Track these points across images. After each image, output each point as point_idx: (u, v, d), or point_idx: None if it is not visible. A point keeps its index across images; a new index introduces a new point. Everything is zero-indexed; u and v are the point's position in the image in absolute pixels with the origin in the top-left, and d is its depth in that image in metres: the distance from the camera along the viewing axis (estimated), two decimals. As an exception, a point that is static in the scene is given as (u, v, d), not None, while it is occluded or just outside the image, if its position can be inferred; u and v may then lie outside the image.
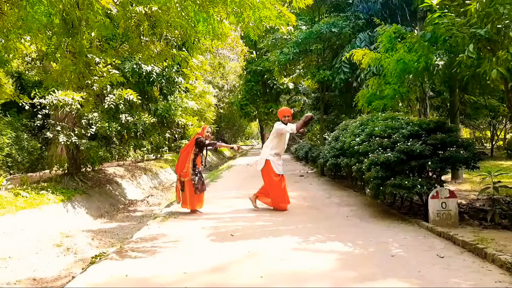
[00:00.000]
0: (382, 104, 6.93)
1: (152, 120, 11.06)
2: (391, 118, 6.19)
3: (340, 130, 8.71)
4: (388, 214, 5.56)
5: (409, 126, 5.44)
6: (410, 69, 5.73)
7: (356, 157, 6.39)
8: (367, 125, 6.40)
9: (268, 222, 5.38)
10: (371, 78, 7.34)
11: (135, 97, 8.88)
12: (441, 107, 13.70)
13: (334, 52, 12.43)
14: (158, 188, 12.53)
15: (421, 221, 4.86)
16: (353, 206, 6.36)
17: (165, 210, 6.93)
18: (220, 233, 4.84)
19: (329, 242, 4.22)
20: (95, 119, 8.73)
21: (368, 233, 4.57)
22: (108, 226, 7.18)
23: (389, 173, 5.17)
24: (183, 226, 5.36)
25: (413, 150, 4.96)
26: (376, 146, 5.45)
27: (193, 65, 14.12)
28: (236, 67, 32.30)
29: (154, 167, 14.47)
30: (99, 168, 10.86)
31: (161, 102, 12.45)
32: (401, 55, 5.73)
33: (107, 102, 8.82)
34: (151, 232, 5.07)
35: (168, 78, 11.32)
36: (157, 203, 9.57)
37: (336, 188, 8.70)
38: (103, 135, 10.19)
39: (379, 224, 5.01)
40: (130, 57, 9.97)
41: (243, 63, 25.80)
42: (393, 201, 6.39)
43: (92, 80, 7.97)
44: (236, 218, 5.72)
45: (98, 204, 8.62)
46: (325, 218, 5.52)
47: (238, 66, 31.63)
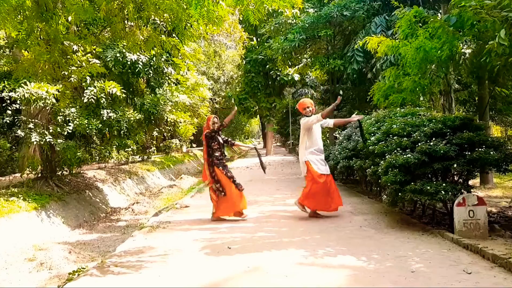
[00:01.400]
0: (400, 98, 6.92)
1: (138, 116, 11.05)
2: (411, 114, 6.19)
3: (352, 128, 8.71)
4: (408, 224, 5.56)
5: (431, 123, 5.43)
6: (432, 58, 5.72)
7: (371, 159, 6.38)
8: (384, 122, 6.40)
9: (270, 233, 5.38)
10: (388, 69, 7.33)
11: (119, 90, 8.87)
12: (468, 101, 13.67)
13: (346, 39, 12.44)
14: (145, 194, 12.53)
15: (445, 232, 4.85)
16: (367, 214, 6.36)
17: (152, 219, 6.94)
18: (216, 245, 4.84)
19: (340, 256, 4.22)
20: (72, 116, 8.72)
21: (385, 245, 4.56)
22: (87, 238, 7.18)
23: (408, 177, 5.16)
24: (173, 237, 5.36)
25: (436, 150, 4.96)
26: (394, 146, 5.45)
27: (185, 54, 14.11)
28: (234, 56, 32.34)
29: (140, 170, 14.48)
30: (78, 172, 10.86)
31: (148, 96, 12.45)
32: (422, 42, 5.72)
33: (87, 96, 8.80)
34: (136, 244, 5.07)
35: (156, 69, 11.31)
36: (144, 211, 9.57)
37: (348, 194, 8.71)
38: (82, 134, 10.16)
39: (397, 235, 5.01)
40: (112, 45, 9.96)
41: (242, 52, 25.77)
42: (413, 209, 6.38)
43: (69, 71, 7.99)
44: (233, 229, 5.72)
45: (76, 212, 8.63)
46: (336, 229, 5.51)
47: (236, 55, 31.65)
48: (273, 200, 8.19)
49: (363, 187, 9.37)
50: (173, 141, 20.54)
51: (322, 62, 12.27)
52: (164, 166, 17.71)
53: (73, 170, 10.41)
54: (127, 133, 10.73)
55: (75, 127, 8.81)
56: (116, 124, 9.72)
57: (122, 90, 9.21)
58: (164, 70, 11.84)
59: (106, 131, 10.23)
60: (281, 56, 13.54)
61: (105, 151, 12.18)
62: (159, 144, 20.51)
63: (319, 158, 6.14)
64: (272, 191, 9.44)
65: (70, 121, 8.79)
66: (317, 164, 6.09)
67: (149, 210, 9.65)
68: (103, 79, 9.45)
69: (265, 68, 23.07)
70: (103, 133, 10.70)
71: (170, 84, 14.16)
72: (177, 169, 19.09)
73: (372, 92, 7.81)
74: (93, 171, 11.83)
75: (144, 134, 14.55)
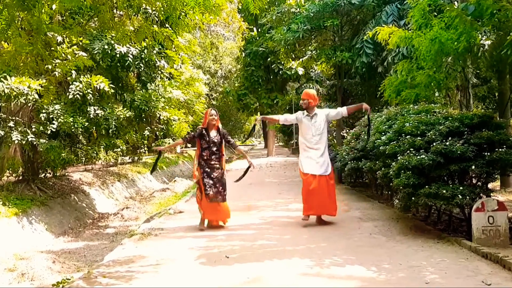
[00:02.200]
0: (413, 94, 6.92)
1: (128, 114, 11.07)
2: (425, 111, 6.18)
3: (361, 127, 8.70)
4: (422, 231, 5.55)
5: (447, 121, 5.42)
6: (448, 51, 5.72)
7: (382, 160, 6.37)
8: (396, 120, 6.39)
9: (272, 241, 5.37)
10: (401, 62, 7.33)
11: (107, 85, 8.88)
12: (488, 97, 13.68)
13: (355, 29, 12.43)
14: (136, 198, 12.53)
15: (463, 240, 4.85)
16: (378, 220, 6.35)
17: (144, 226, 6.93)
18: (212, 254, 4.83)
19: (348, 266, 4.22)
20: (56, 113, 8.72)
21: (397, 254, 4.56)
22: (73, 246, 7.18)
23: (422, 179, 5.16)
24: (166, 246, 5.35)
25: (453, 151, 4.95)
26: (406, 146, 5.44)
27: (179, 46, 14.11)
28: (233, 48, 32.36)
29: (130, 172, 14.48)
30: (62, 174, 10.87)
31: (138, 92, 12.45)
32: (437, 33, 5.72)
33: (72, 91, 8.81)
34: (126, 253, 5.06)
35: (148, 62, 11.31)
36: (134, 217, 9.58)
37: (357, 198, 8.71)
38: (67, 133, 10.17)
39: (410, 243, 5.00)
40: (100, 36, 9.96)
41: (241, 43, 25.77)
42: (427, 214, 6.37)
43: (53, 64, 7.99)
44: (232, 236, 5.72)
45: (61, 218, 8.63)
46: (343, 236, 5.51)
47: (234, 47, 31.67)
48: (274, 205, 8.19)
49: (373, 190, 9.36)
50: (166, 140, 20.50)
51: (328, 55, 12.25)
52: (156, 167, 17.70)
53: (57, 172, 10.41)
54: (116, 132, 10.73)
55: (60, 126, 8.81)
56: (104, 122, 9.73)
57: (111, 85, 9.21)
58: (156, 64, 11.84)
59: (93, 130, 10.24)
60: (284, 48, 13.53)
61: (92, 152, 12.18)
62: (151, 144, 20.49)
63: (310, 155, 6.11)
64: (273, 195, 9.44)
65: (54, 119, 8.79)
66: (303, 161, 6.13)
67: (140, 216, 9.65)
68: (90, 73, 9.44)
69: (266, 61, 23.03)
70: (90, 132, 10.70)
71: (162, 78, 14.16)
72: (170, 171, 19.08)
73: (382, 87, 7.80)
74: (79, 173, 11.84)
75: (135, 133, 14.53)
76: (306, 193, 6.07)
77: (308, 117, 6.19)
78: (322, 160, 6.10)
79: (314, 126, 6.14)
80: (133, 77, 13.50)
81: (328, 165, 6.17)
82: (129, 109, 11.46)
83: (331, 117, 6.32)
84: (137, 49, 10.57)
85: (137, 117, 12.39)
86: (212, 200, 6.11)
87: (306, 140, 6.18)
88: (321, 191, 6.00)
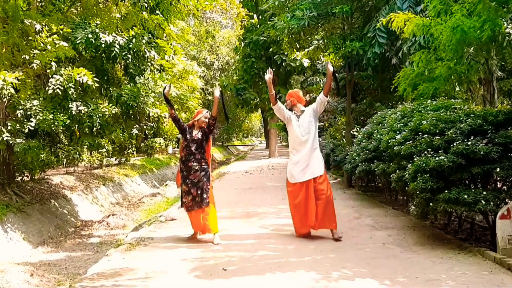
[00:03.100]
0: (432, 88, 6.91)
1: (114, 110, 11.07)
2: (444, 107, 6.18)
3: (374, 125, 8.70)
4: (441, 241, 5.56)
5: (469, 118, 5.43)
6: (470, 40, 5.71)
7: (397, 162, 6.37)
8: (412, 117, 6.40)
9: (274, 252, 5.38)
10: (417, 53, 7.32)
11: (91, 79, 8.88)
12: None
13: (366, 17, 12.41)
14: (123, 204, 12.56)
15: (486, 250, 4.85)
16: (392, 229, 6.36)
17: (132, 235, 6.94)
18: (208, 266, 4.83)
19: (359, 280, 4.22)
20: (35, 109, 8.73)
21: (413, 266, 4.56)
22: (53, 257, 7.19)
23: (442, 183, 5.16)
24: (157, 257, 5.36)
25: (475, 151, 4.96)
26: (423, 146, 5.45)
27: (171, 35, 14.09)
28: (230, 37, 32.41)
29: (116, 175, 14.50)
30: (41, 177, 10.89)
31: (126, 86, 12.45)
32: (458, 20, 5.72)
33: (52, 85, 8.81)
34: (112, 265, 5.07)
35: (136, 52, 11.30)
36: (121, 225, 9.59)
37: (369, 204, 8.72)
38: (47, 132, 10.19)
39: (428, 254, 5.01)
40: (83, 24, 9.96)
41: (239, 32, 25.79)
42: (447, 222, 6.38)
43: (31, 55, 8.00)
44: (230, 246, 5.73)
45: (40, 226, 8.64)
46: (353, 246, 5.52)
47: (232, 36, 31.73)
48: (277, 212, 8.19)
49: (387, 195, 9.37)
50: (156, 140, 20.57)
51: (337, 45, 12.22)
52: (146, 170, 17.73)
53: (36, 175, 10.43)
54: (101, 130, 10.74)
55: (38, 124, 8.82)
56: (87, 120, 9.74)
57: (95, 79, 9.21)
58: (145, 54, 11.82)
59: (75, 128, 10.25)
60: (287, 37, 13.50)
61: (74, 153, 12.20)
62: (140, 144, 20.53)
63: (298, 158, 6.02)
64: (276, 201, 9.44)
65: (32, 116, 8.80)
66: (292, 169, 6.05)
67: (127, 224, 9.67)
68: (72, 65, 9.45)
69: (267, 51, 23.02)
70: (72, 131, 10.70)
71: (153, 71, 14.15)
72: (161, 174, 19.11)
73: (397, 81, 7.79)
74: (60, 176, 11.85)
75: (122, 132, 14.52)
76: (292, 206, 6.02)
77: (296, 116, 6.15)
78: (312, 162, 5.97)
79: (302, 125, 6.06)
80: (119, 69, 13.49)
81: (319, 167, 5.98)
82: (116, 105, 11.45)
83: (316, 110, 6.16)
84: (124, 38, 10.56)
85: (124, 114, 12.38)
86: (188, 209, 6.03)
87: (295, 142, 6.11)
88: (310, 200, 5.86)
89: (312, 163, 5.97)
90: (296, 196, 5.95)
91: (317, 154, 6.07)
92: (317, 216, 5.86)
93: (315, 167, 5.95)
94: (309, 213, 5.88)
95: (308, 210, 5.87)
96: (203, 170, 6.05)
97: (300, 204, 5.91)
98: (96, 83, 9.32)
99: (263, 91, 23.97)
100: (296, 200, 5.94)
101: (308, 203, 5.87)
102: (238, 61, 27.52)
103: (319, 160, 6.07)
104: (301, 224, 6.01)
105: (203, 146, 6.12)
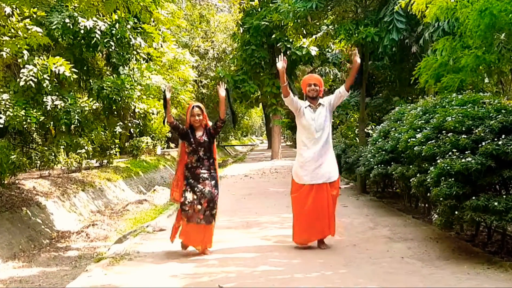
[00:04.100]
0: (457, 80, 6.90)
1: (95, 105, 11.05)
2: (472, 102, 6.16)
3: (391, 122, 8.69)
4: (467, 254, 5.54)
5: (500, 115, 5.41)
6: (501, 25, 5.70)
7: (417, 164, 6.35)
8: (434, 113, 6.38)
9: (277, 267, 5.35)
10: (441, 40, 7.30)
11: (68, 70, 8.87)
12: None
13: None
14: (104, 212, 12.54)
15: (520, 266, 4.83)
16: (412, 241, 6.34)
17: (115, 247, 6.92)
18: (202, 283, 4.81)
19: (374, 299, 4.20)
20: (4, 104, 8.72)
21: (436, 284, 4.53)
22: (25, 273, 7.17)
23: (469, 189, 5.14)
24: (144, 273, 5.33)
25: (507, 152, 4.93)
26: (448, 146, 5.43)
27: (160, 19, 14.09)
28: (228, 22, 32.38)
29: (97, 179, 14.48)
30: (11, 182, 10.86)
31: (108, 78, 12.42)
32: (486, 2, 5.70)
33: (24, 77, 8.80)
34: (93, 282, 5.04)
35: (120, 39, 11.29)
36: (103, 237, 9.57)
37: (385, 212, 8.70)
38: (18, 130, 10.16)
39: (453, 269, 4.98)
40: (59, 7, 9.95)
41: (238, 16, 25.75)
42: (475, 233, 6.35)
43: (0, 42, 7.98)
44: (226, 260, 5.71)
45: (10, 237, 8.62)
46: (368, 260, 5.49)
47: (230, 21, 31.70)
48: (281, 221, 8.17)
49: (406, 203, 9.35)
50: (143, 139, 20.57)
51: (349, 31, 12.19)
52: (131, 174, 17.72)
53: (5, 179, 10.40)
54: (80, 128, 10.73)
55: (8, 120, 8.80)
56: (64, 116, 9.72)
57: (73, 69, 9.21)
58: (130, 42, 11.80)
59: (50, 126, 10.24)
60: (293, 22, 13.49)
61: (49, 154, 12.19)
62: (124, 143, 20.52)
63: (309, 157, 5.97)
64: (279, 209, 9.41)
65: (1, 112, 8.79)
66: (297, 169, 6.05)
67: (110, 235, 9.64)
68: (46, 54, 9.44)
69: (270, 38, 23.00)
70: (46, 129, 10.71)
71: (139, 60, 14.11)
72: (148, 178, 19.10)
73: (417, 71, 7.77)
74: (33, 181, 11.83)
75: (103, 130, 14.52)
76: (298, 213, 6.00)
77: (311, 109, 6.06)
78: (325, 165, 5.96)
79: (317, 120, 6.01)
80: (101, 58, 13.47)
81: (332, 171, 6.00)
82: (96, 99, 11.43)
83: (333, 104, 6.16)
84: (106, 23, 10.55)
85: (107, 109, 12.35)
86: (190, 221, 5.91)
87: (307, 138, 6.05)
88: (320, 207, 5.88)
89: (326, 164, 5.97)
90: (304, 203, 5.93)
91: (331, 154, 6.09)
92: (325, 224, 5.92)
93: (331, 170, 5.98)
94: (319, 223, 5.90)
95: (319, 219, 5.88)
96: (213, 178, 6.02)
97: (308, 212, 5.89)
98: (75, 74, 9.31)
99: (265, 84, 23.96)
100: (305, 207, 5.91)
101: (318, 210, 5.87)
102: (236, 49, 27.53)
103: (334, 161, 6.09)
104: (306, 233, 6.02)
105: (211, 149, 6.08)
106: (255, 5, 23.59)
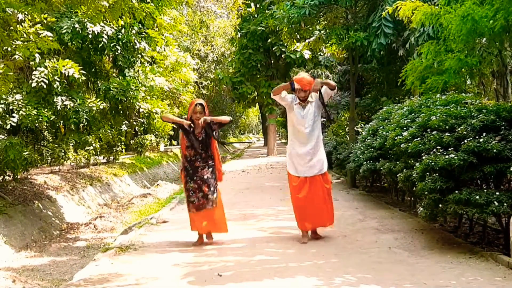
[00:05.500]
0: (441, 81, 6.92)
1: (102, 105, 11.05)
2: (455, 102, 6.19)
3: (379, 120, 8.71)
4: (451, 245, 5.56)
5: (481, 114, 5.43)
6: (483, 30, 5.71)
7: (404, 160, 6.37)
8: (420, 112, 6.40)
9: (272, 256, 5.37)
10: (426, 44, 7.32)
11: (77, 72, 8.87)
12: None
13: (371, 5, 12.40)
14: (111, 205, 12.53)
15: (499, 255, 4.84)
16: (398, 232, 6.36)
17: (121, 238, 6.93)
18: (202, 272, 4.83)
19: (363, 286, 4.21)
20: (17, 104, 8.71)
21: (421, 272, 4.56)
22: (36, 262, 7.17)
23: (452, 183, 5.16)
24: (148, 262, 5.35)
25: (488, 149, 4.95)
26: (432, 143, 5.45)
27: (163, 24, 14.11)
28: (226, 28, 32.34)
29: (104, 175, 14.46)
30: (24, 177, 10.84)
31: (115, 79, 12.43)
32: (469, 9, 5.71)
33: (36, 78, 8.80)
34: (100, 270, 5.06)
35: (126, 43, 11.29)
36: (110, 228, 9.57)
37: (374, 205, 8.72)
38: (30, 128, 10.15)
39: (437, 259, 5.01)
40: (69, 13, 9.94)
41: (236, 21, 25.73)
42: (457, 225, 6.38)
43: (12, 47, 7.96)
44: (225, 250, 5.73)
45: (22, 229, 8.62)
46: (357, 250, 5.52)
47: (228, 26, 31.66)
48: (276, 214, 8.19)
49: (393, 196, 9.38)
50: (147, 137, 20.53)
51: (340, 35, 12.21)
52: (136, 169, 17.69)
53: (18, 174, 10.38)
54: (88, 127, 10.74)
55: (21, 119, 8.80)
56: (73, 115, 9.72)
57: (82, 71, 9.20)
58: (135, 46, 11.82)
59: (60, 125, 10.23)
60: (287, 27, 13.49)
61: (59, 151, 12.16)
62: (129, 141, 20.49)
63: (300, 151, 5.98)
64: (275, 202, 9.44)
65: (14, 111, 8.78)
66: (292, 162, 6.06)
67: (116, 227, 9.65)
68: (57, 57, 9.42)
69: (266, 43, 22.96)
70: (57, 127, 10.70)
71: (143, 63, 14.15)
72: (152, 174, 19.07)
73: (404, 73, 7.79)
74: (44, 176, 11.81)
75: (110, 129, 14.52)
76: (296, 203, 6.03)
77: (301, 106, 6.00)
78: (316, 158, 5.97)
79: (306, 116, 5.97)
80: (108, 61, 13.48)
81: (323, 164, 6.01)
82: (103, 99, 11.44)
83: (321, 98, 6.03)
84: (112, 28, 10.54)
85: (113, 109, 12.38)
86: (198, 208, 5.98)
87: (297, 134, 6.04)
88: (316, 197, 5.92)
89: (317, 158, 5.98)
90: (300, 193, 5.95)
91: (321, 148, 6.09)
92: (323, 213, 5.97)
93: (322, 162, 5.99)
94: (316, 212, 5.95)
95: (317, 208, 5.92)
96: (210, 167, 6.10)
97: (306, 201, 5.92)
98: (83, 76, 9.31)
99: (261, 85, 23.97)
100: (300, 194, 5.94)
101: (315, 200, 5.91)
102: (234, 52, 27.48)
103: (324, 155, 6.10)
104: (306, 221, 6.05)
105: (208, 144, 6.11)
106: (252, 12, 23.59)
